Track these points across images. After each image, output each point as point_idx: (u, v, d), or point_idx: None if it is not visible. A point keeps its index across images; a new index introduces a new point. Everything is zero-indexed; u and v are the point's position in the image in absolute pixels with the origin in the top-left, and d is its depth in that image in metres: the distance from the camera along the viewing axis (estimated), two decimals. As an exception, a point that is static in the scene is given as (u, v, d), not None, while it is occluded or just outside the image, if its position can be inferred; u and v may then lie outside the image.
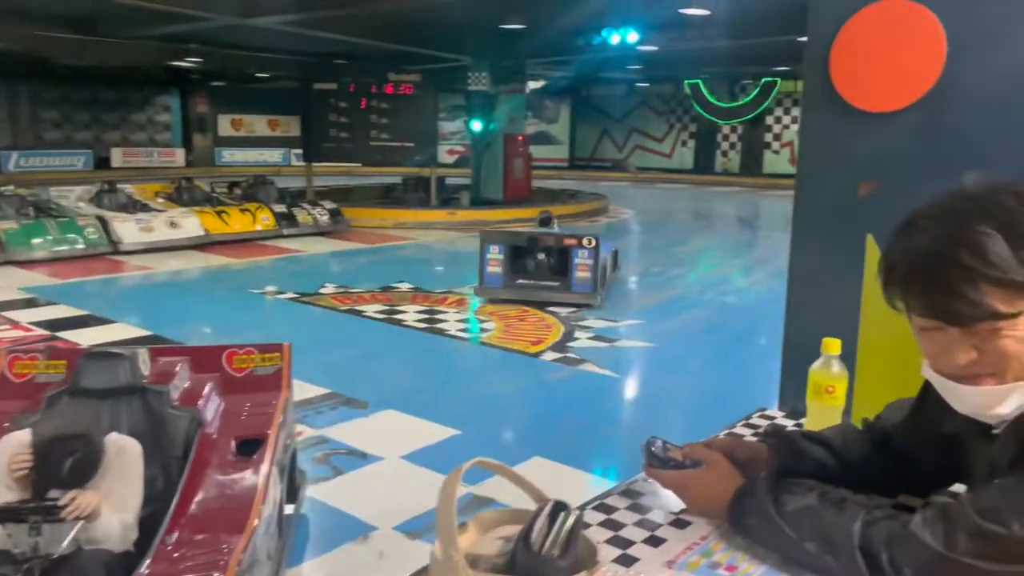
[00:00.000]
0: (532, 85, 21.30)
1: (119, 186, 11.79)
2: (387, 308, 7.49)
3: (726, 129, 27.20)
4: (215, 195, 12.61)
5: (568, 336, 6.51)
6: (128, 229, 10.24)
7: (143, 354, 2.89)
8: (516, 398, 5.23)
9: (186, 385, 2.94)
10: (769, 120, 26.33)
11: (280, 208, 12.33)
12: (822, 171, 1.91)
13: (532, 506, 1.07)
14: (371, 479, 3.84)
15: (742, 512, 1.16)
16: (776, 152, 26.44)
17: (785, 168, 25.68)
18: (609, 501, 1.32)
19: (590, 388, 5.40)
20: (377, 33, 13.35)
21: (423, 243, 12.39)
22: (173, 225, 10.70)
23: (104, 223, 10.22)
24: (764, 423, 1.66)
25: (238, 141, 27.58)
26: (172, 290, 9.00)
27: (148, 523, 2.36)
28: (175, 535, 2.24)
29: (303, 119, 15.79)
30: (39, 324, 6.59)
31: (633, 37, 11.28)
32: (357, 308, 7.49)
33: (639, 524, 1.24)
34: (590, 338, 6.46)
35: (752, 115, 25.97)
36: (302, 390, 5.02)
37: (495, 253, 7.53)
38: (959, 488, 1.16)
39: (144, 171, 22.57)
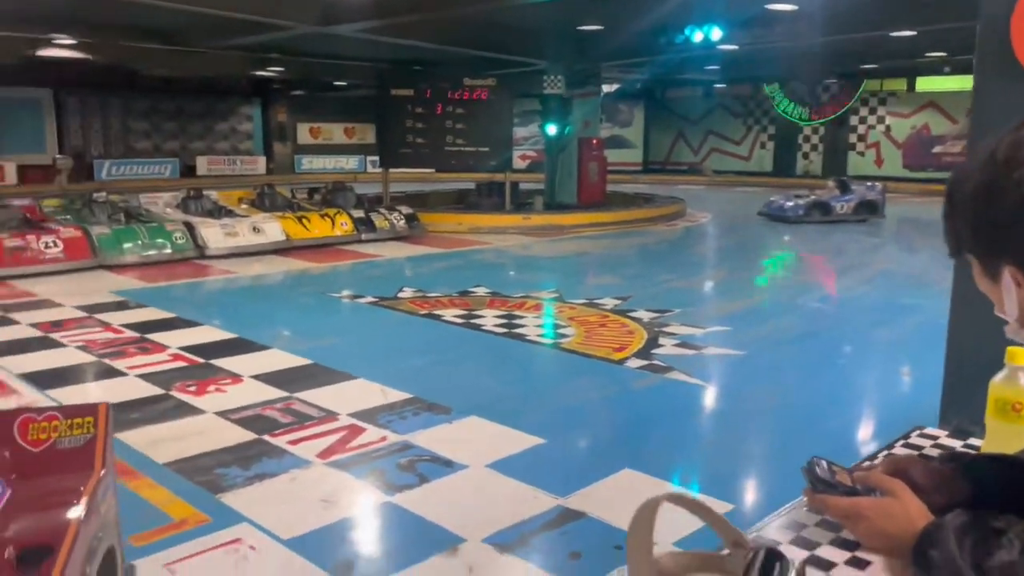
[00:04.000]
0: (606, 88, 21.06)
1: (205, 192, 12.10)
2: (465, 313, 7.41)
3: (807, 130, 26.35)
4: (296, 201, 12.83)
5: (652, 342, 6.29)
6: (213, 234, 10.47)
7: None
8: (601, 407, 5.04)
9: None
10: (853, 120, 25.39)
11: (358, 213, 12.45)
12: None
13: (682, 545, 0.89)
14: (457, 488, 3.71)
15: (929, 566, 0.95)
16: (861, 154, 25.47)
17: (871, 170, 24.69)
18: (767, 533, 1.13)
19: (679, 397, 5.17)
20: (454, 38, 13.36)
21: (498, 247, 12.31)
22: (256, 230, 10.90)
23: (191, 228, 10.48)
24: (926, 443, 1.45)
25: (316, 148, 28.18)
26: (255, 294, 9.13)
27: None
28: None
29: (379, 126, 15.90)
30: (129, 326, 6.74)
31: (717, 34, 10.94)
32: (435, 312, 7.43)
33: (812, 563, 1.04)
34: (676, 345, 6.23)
35: (836, 116, 25.07)
36: (385, 395, 4.98)
37: None
38: None
39: (227, 179, 23.22)
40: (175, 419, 4.58)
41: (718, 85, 26.93)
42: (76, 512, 2.16)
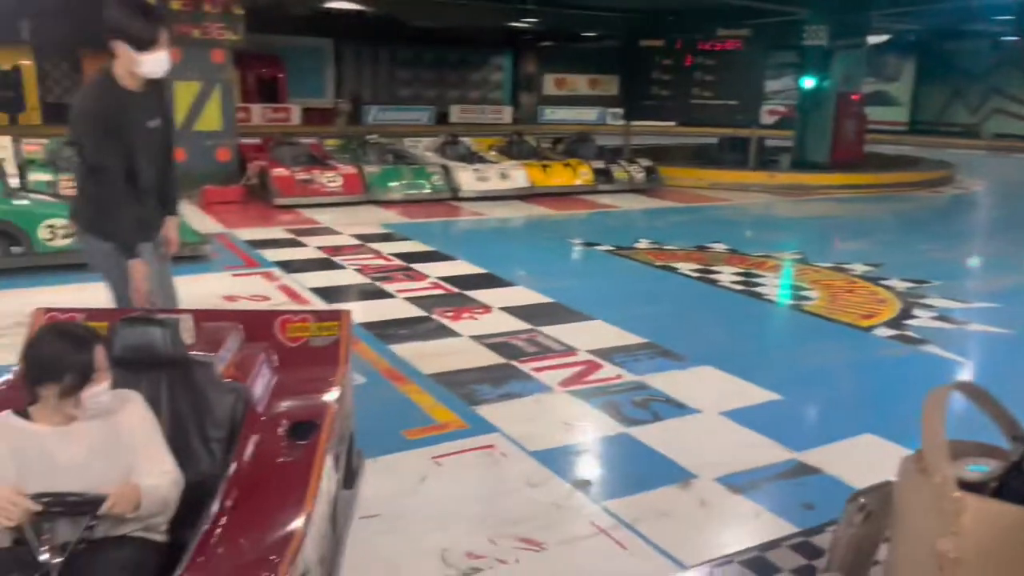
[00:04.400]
0: (873, 40, 19.33)
1: (460, 139, 12.94)
2: (701, 267, 7.41)
3: (1122, 90, 22.49)
4: (540, 150, 13.31)
5: (905, 313, 5.93)
6: (467, 178, 11.23)
7: (186, 321, 2.53)
8: (843, 371, 4.90)
9: (234, 356, 2.58)
10: None
11: (598, 164, 12.66)
12: None
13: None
14: (690, 429, 3.86)
15: None
16: None
17: None
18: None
19: (932, 371, 4.88)
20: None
21: (739, 205, 11.99)
22: (504, 176, 11.51)
23: (447, 171, 11.31)
24: None
25: (560, 100, 28.78)
26: (501, 235, 9.73)
27: (187, 506, 2.03)
28: (217, 533, 1.86)
29: (624, 77, 15.91)
30: (396, 255, 7.53)
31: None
32: (671, 265, 7.50)
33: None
34: (932, 318, 5.83)
35: None
36: (621, 337, 5.20)
37: None
38: None
39: (475, 127, 24.50)
40: (436, 339, 5.14)
41: (1008, 38, 23.62)
42: (332, 396, 2.58)
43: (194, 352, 2.42)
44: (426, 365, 4.60)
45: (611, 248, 8.25)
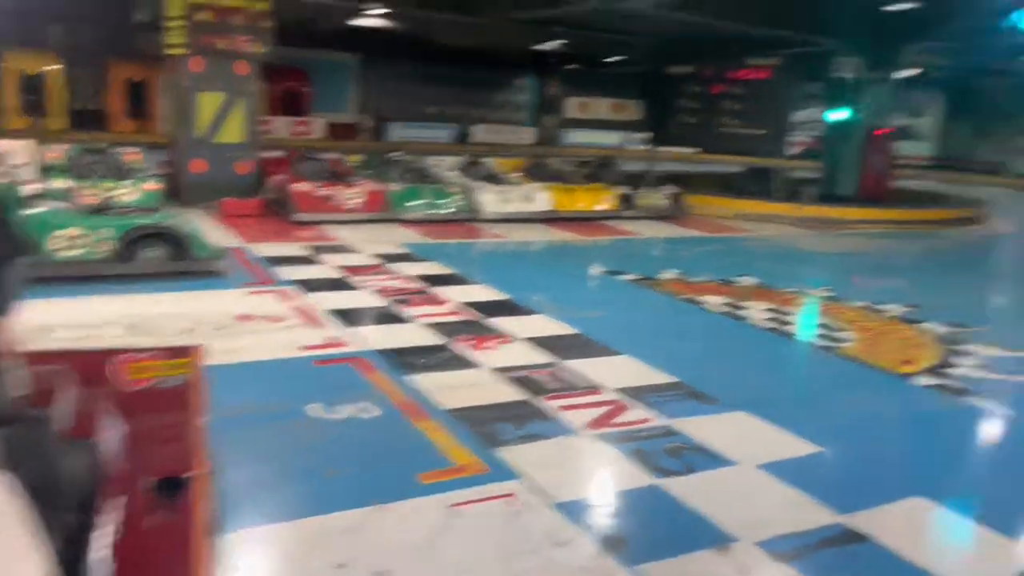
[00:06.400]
0: (903, 74, 19.11)
1: (482, 160, 12.78)
2: (729, 302, 7.15)
3: None
4: (564, 173, 13.13)
5: (946, 361, 5.65)
6: (489, 199, 11.05)
7: (16, 366, 1.89)
8: (884, 423, 4.62)
9: (73, 407, 2.15)
10: None
11: (622, 190, 12.46)
12: None
13: None
14: (726, 483, 3.60)
15: None
16: None
17: None
18: None
19: (977, 424, 4.61)
20: (746, 14, 12.82)
21: (765, 236, 11.73)
22: (527, 199, 11.33)
23: (469, 191, 11.13)
24: None
25: (582, 123, 28.68)
26: (522, 260, 9.51)
27: None
28: None
29: (649, 102, 15.80)
30: (416, 277, 7.33)
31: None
32: (697, 298, 7.26)
33: None
34: (975, 366, 5.54)
35: None
36: (648, 375, 4.95)
37: None
38: None
39: (496, 147, 24.41)
40: (455, 369, 4.90)
41: (1041, 75, 23.32)
42: (196, 444, 2.17)
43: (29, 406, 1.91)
44: (444, 399, 4.37)
45: (635, 277, 8.02)
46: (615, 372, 5.00)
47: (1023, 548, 3.18)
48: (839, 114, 14.57)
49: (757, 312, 6.84)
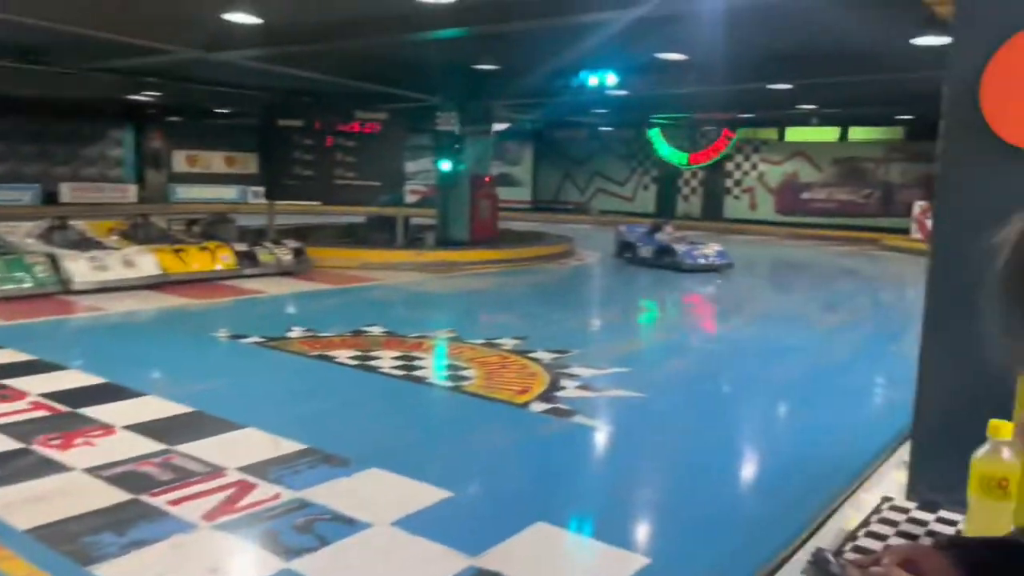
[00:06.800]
0: (497, 127, 21.28)
1: (71, 222, 11.22)
2: (360, 354, 7.11)
3: (687, 174, 27.50)
4: (172, 233, 12.12)
5: (554, 385, 6.21)
6: (80, 267, 9.69)
7: None
8: (508, 454, 4.88)
9: None
10: (729, 166, 26.71)
11: (241, 247, 11.90)
12: (965, 221, 1.66)
13: None
14: (361, 550, 3.45)
15: None
16: (736, 197, 26.78)
17: (745, 213, 26.03)
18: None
19: (586, 444, 5.10)
20: (345, 71, 13.12)
21: (391, 284, 12.03)
22: (128, 264, 10.17)
23: (54, 261, 9.65)
24: (899, 517, 1.38)
25: (193, 177, 27.00)
26: (127, 333, 8.47)
27: None
28: None
29: (264, 156, 15.39)
30: (-19, 370, 6.05)
31: (612, 80, 11.23)
32: (328, 354, 7.09)
33: None
34: (577, 387, 6.17)
35: (713, 162, 26.32)
36: (276, 446, 4.64)
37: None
38: None
39: (94, 207, 21.82)
40: (36, 477, 4.07)
41: (604, 128, 27.77)
42: None
43: None
44: (21, 518, 3.58)
45: (261, 340, 7.59)
46: (240, 449, 4.59)
47: (634, 557, 3.50)
48: (446, 164, 15.65)
49: (387, 361, 6.88)
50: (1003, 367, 0.93)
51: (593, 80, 11.30)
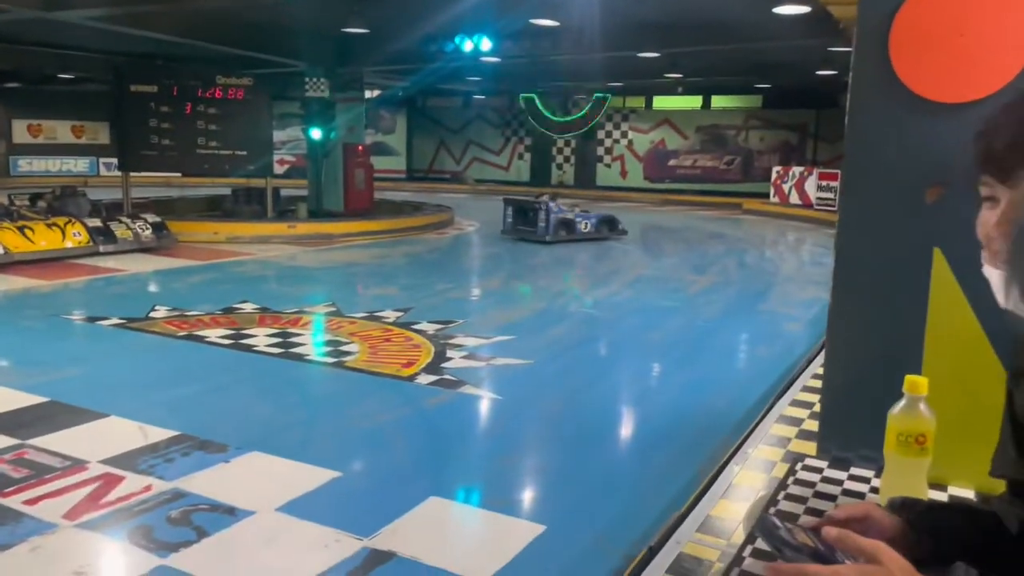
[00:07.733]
0: (368, 94, 20.69)
1: None
2: (233, 332, 6.75)
3: (560, 143, 27.79)
4: (15, 208, 11.08)
5: (440, 356, 6.12)
6: (-96, 248, 8.68)
7: None
8: (397, 429, 4.76)
9: None
10: (600, 135, 27.19)
11: (94, 222, 11.06)
12: (876, 175, 1.66)
13: None
14: (245, 540, 3.25)
15: None
16: (608, 166, 27.34)
17: (617, 181, 26.63)
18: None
19: (475, 414, 5.04)
20: (202, 33, 12.31)
21: (262, 258, 11.50)
22: (-37, 243, 9.21)
23: None
24: (814, 477, 1.38)
25: (37, 149, 24.82)
26: (-36, 319, 7.68)
27: None
28: None
29: (116, 125, 14.31)
30: None
31: (487, 44, 11.07)
32: (197, 333, 6.69)
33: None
34: (464, 357, 6.10)
35: (584, 130, 26.70)
36: (145, 434, 4.32)
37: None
38: None
39: (-81, 181, 19.72)
40: None
41: (477, 96, 27.58)
42: None
43: None
44: None
45: (121, 321, 7.07)
46: (102, 439, 4.25)
47: (529, 525, 3.47)
48: (317, 132, 15.07)
49: (263, 339, 6.57)
50: None
51: (468, 45, 11.12)
